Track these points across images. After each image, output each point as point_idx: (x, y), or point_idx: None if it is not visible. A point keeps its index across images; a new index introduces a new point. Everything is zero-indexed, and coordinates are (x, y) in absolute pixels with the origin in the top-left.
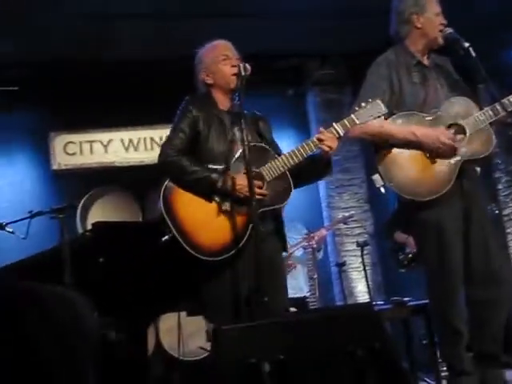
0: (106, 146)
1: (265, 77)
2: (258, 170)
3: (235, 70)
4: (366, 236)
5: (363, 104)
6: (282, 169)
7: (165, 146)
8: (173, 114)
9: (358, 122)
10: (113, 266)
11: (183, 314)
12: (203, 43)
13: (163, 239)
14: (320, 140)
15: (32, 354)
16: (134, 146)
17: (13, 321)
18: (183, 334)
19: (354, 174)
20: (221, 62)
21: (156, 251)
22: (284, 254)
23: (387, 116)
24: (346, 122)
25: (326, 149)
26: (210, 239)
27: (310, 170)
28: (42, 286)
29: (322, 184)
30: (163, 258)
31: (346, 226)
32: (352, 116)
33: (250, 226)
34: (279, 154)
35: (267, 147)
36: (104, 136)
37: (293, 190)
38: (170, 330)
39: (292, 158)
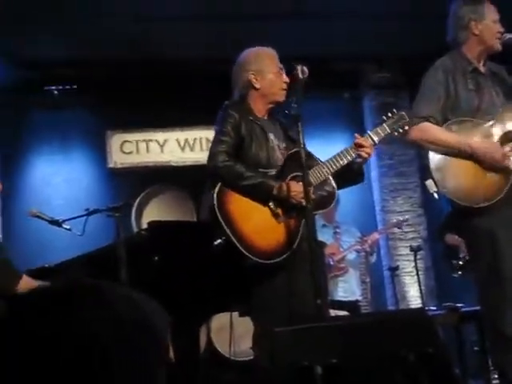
0: (162, 146)
1: (321, 80)
2: (304, 176)
3: (285, 86)
4: (420, 240)
5: (390, 114)
6: (326, 174)
7: (214, 149)
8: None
9: (388, 131)
10: (167, 265)
11: (235, 313)
12: (258, 45)
13: (216, 243)
14: (359, 146)
15: (95, 354)
16: (189, 145)
17: (74, 319)
18: (235, 333)
19: (408, 178)
20: (275, 72)
21: (210, 252)
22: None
23: (442, 122)
24: (379, 131)
25: (365, 155)
26: (263, 242)
27: (345, 176)
28: (106, 284)
29: (376, 188)
30: (216, 260)
31: (399, 230)
32: (384, 125)
33: (301, 230)
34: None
35: (311, 153)
36: (160, 135)
37: (337, 195)
38: (222, 330)
39: (335, 164)
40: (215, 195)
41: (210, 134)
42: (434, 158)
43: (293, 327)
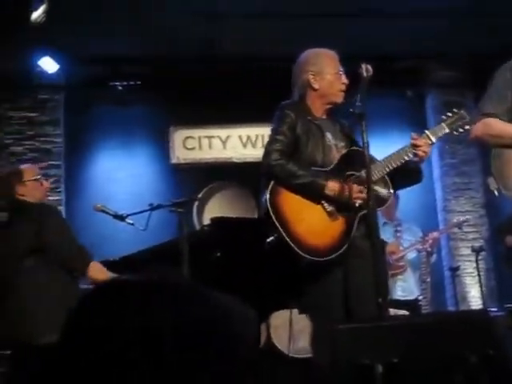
0: (224, 142)
1: (384, 78)
2: (358, 174)
3: (344, 87)
4: (481, 241)
5: (450, 114)
6: (381, 173)
7: (269, 148)
8: None
9: (447, 131)
10: (228, 261)
11: (295, 311)
12: (322, 43)
13: (268, 240)
14: (416, 146)
15: (167, 355)
16: (251, 142)
17: (146, 318)
18: (294, 330)
19: (471, 178)
20: (334, 73)
21: (272, 248)
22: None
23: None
24: (438, 130)
25: (422, 154)
26: (315, 240)
27: (403, 175)
28: (185, 281)
29: (438, 187)
30: (273, 257)
31: (460, 230)
32: (442, 124)
33: (354, 229)
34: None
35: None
36: (222, 132)
37: (392, 194)
38: (281, 327)
39: (391, 163)
40: (268, 194)
41: None
42: (495, 154)
43: (353, 325)
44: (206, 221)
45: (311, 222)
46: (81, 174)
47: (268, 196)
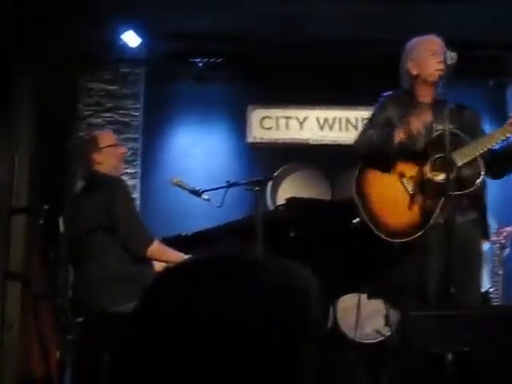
0: (301, 123)
1: (466, 66)
2: (447, 155)
3: (440, 66)
4: None
5: None
6: (473, 154)
7: (360, 136)
8: (370, 98)
9: None
10: (302, 242)
11: (363, 295)
12: (404, 27)
13: (354, 221)
14: None
15: (252, 332)
16: (329, 124)
17: (221, 296)
18: (361, 315)
19: None
20: (429, 56)
21: (345, 231)
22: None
23: None
24: None
25: None
26: (397, 220)
27: (505, 159)
28: (268, 259)
29: None
30: (351, 239)
31: None
32: None
33: (437, 210)
34: None
35: (460, 133)
36: (300, 113)
37: (483, 175)
38: (348, 311)
39: (484, 144)
40: (355, 174)
41: (350, 114)
42: None
43: (426, 312)
44: (280, 201)
45: (391, 203)
46: (158, 148)
47: (355, 178)
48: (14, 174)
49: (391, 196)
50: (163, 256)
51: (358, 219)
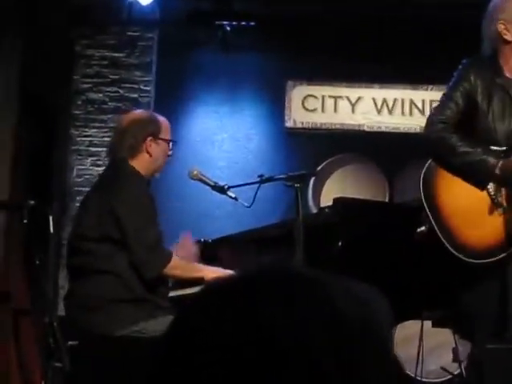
0: (353, 105)
1: None
2: None
3: None
4: None
5: None
6: None
7: (433, 117)
8: (440, 75)
9: None
10: (351, 253)
11: (427, 323)
12: None
13: (419, 230)
14: None
15: (309, 362)
16: (388, 107)
17: (281, 320)
18: (424, 348)
19: None
20: None
21: (406, 242)
22: None
23: None
24: None
25: None
26: (476, 237)
27: None
28: (328, 277)
29: None
30: (414, 253)
31: None
32: None
33: None
34: None
35: None
36: (353, 92)
37: None
38: (408, 341)
39: None
40: (423, 173)
41: (415, 95)
42: None
43: (506, 345)
44: (325, 201)
45: (472, 214)
46: (173, 131)
47: (422, 177)
48: None
49: (471, 204)
50: (186, 273)
51: (423, 228)
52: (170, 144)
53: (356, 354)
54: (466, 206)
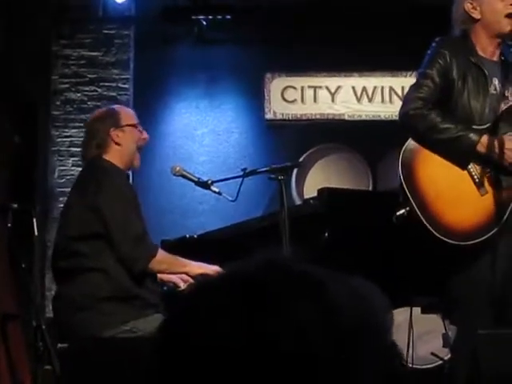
0: (333, 94)
1: None
2: None
3: (510, 10)
4: None
5: None
6: None
7: (409, 95)
8: (420, 61)
9: None
10: (338, 243)
11: (416, 309)
12: None
13: (398, 213)
14: None
15: (313, 367)
16: (368, 95)
17: (282, 322)
18: (414, 334)
19: None
20: None
21: (392, 230)
22: None
23: None
24: None
25: None
26: (459, 218)
27: None
28: (324, 272)
29: None
30: (400, 240)
31: None
32: None
33: (510, 208)
34: None
35: None
36: (332, 81)
37: None
38: (397, 329)
39: None
40: (401, 155)
41: (395, 82)
42: None
43: (499, 331)
44: (309, 192)
45: (453, 194)
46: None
47: (401, 158)
48: None
49: (452, 184)
50: (172, 268)
51: (403, 211)
52: (138, 128)
53: (357, 351)
54: (447, 187)
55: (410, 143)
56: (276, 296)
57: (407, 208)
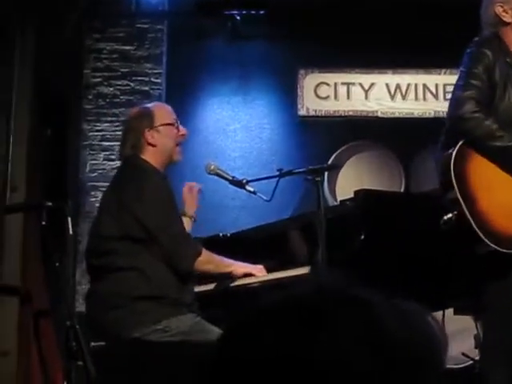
0: (367, 91)
1: None
2: None
3: None
4: None
5: None
6: None
7: (460, 95)
8: (453, 58)
9: None
10: (375, 247)
11: (449, 310)
12: None
13: (446, 218)
14: None
15: None
16: (401, 93)
17: (330, 345)
18: (446, 335)
19: None
20: None
21: (433, 232)
22: None
23: None
24: None
25: None
26: (507, 225)
27: None
28: (369, 292)
29: None
30: (442, 242)
31: None
32: None
33: None
34: None
35: None
36: (366, 78)
37: None
38: None
39: None
40: (454, 155)
41: (429, 79)
42: None
43: None
44: (341, 189)
45: (505, 201)
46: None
47: (453, 160)
48: (8, 160)
49: (504, 190)
50: (217, 268)
51: (450, 215)
52: (175, 126)
53: (403, 380)
54: (500, 193)
55: (463, 145)
56: (329, 320)
57: (455, 212)
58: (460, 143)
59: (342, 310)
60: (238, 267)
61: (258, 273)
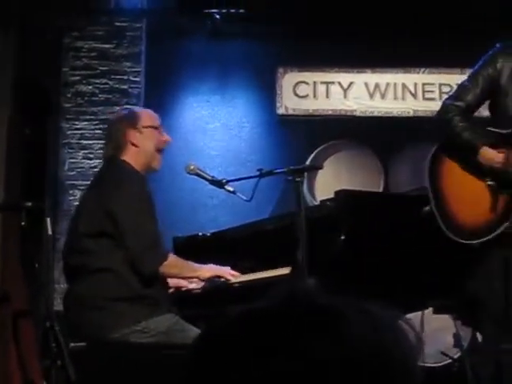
0: (346, 90)
1: None
2: None
3: None
4: None
5: None
6: None
7: (447, 101)
8: (432, 57)
9: None
10: (355, 246)
11: (428, 310)
12: None
13: (425, 209)
14: None
15: None
16: (380, 92)
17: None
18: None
19: None
20: None
21: (408, 232)
22: None
23: None
24: None
25: None
26: (471, 216)
27: None
28: (349, 303)
29: None
30: (416, 243)
31: None
32: None
33: None
34: None
35: None
36: (345, 77)
37: None
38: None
39: None
40: (430, 156)
41: (407, 78)
42: None
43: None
44: (320, 188)
45: (467, 197)
46: (164, 122)
47: (429, 159)
48: None
49: (469, 188)
50: (183, 272)
51: (428, 207)
52: (159, 130)
53: None
54: (465, 190)
55: (439, 149)
56: (295, 332)
57: (430, 205)
58: (438, 144)
59: (309, 320)
60: (205, 271)
61: (227, 275)
